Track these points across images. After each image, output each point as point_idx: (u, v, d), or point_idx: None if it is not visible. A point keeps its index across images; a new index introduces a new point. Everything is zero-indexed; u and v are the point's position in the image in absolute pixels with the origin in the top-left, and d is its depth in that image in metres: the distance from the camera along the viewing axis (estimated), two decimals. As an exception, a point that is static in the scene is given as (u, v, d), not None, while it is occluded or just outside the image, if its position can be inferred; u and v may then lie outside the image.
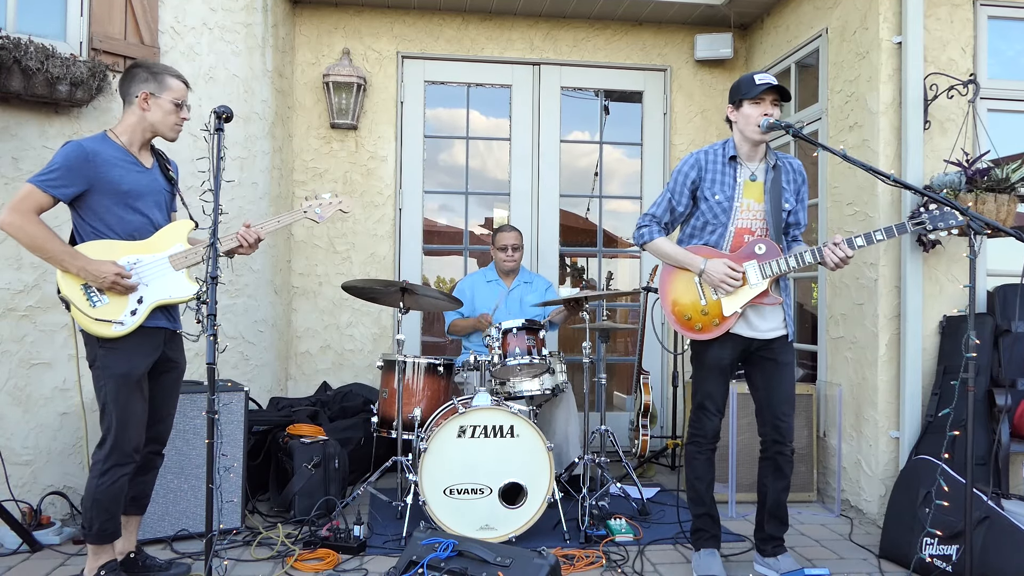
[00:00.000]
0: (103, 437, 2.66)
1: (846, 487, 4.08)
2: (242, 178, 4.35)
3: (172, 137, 2.81)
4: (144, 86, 2.72)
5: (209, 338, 2.35)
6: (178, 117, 2.78)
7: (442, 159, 5.57)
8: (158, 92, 2.73)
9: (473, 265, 5.48)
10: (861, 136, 4.00)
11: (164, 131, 2.77)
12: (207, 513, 2.37)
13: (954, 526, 2.94)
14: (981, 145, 3.82)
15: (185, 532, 3.37)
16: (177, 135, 2.82)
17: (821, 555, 3.41)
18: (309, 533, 3.36)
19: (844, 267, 2.86)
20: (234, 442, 3.51)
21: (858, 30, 4.05)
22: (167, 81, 2.75)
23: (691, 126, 5.47)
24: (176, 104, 2.76)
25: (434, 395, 3.89)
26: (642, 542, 3.48)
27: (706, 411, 3.06)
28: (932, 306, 3.81)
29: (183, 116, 2.80)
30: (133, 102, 2.73)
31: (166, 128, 2.77)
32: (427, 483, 3.31)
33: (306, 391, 5.01)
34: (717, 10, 5.10)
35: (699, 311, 2.98)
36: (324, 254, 5.16)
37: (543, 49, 5.37)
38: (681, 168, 3.04)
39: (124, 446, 2.64)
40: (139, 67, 2.78)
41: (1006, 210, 3.54)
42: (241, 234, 2.82)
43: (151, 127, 2.75)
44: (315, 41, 5.16)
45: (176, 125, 2.79)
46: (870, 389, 3.89)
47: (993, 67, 3.94)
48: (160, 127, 2.76)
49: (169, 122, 2.76)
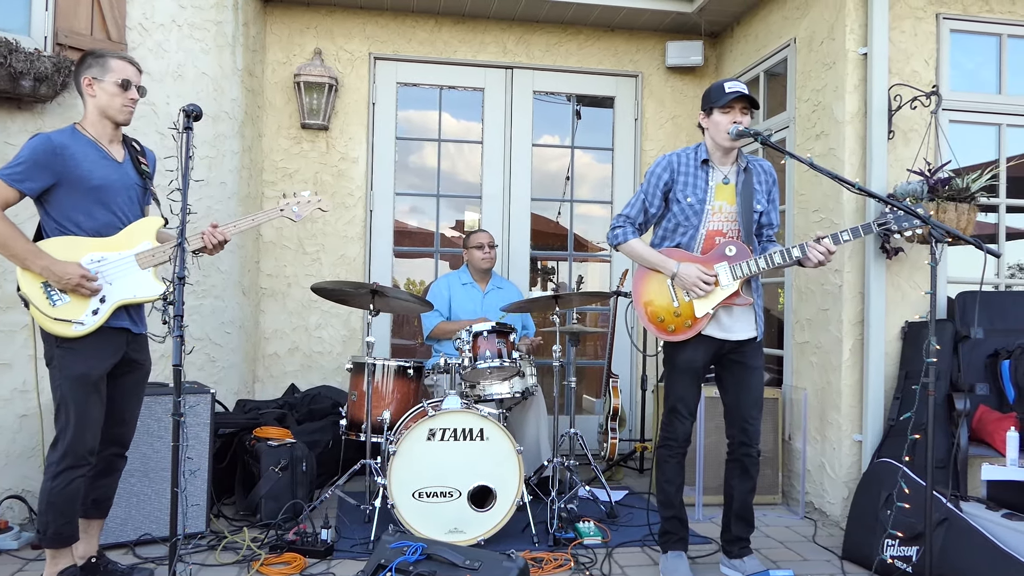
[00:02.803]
0: (56, 438, 2.60)
1: (810, 490, 4.15)
2: (210, 177, 4.30)
3: (123, 120, 2.72)
4: (87, 71, 2.66)
5: (176, 339, 2.32)
6: (125, 98, 2.68)
7: (413, 161, 5.56)
8: (100, 75, 2.65)
9: (444, 267, 5.47)
10: (828, 144, 4.07)
11: (113, 114, 2.69)
12: (172, 517, 2.34)
13: (914, 527, 3.00)
14: (943, 155, 3.91)
15: (148, 536, 3.31)
16: (128, 117, 2.73)
17: (786, 557, 3.46)
18: (276, 537, 3.32)
19: (826, 264, 2.90)
20: (200, 445, 3.46)
21: (825, 40, 4.12)
22: (108, 62, 2.67)
23: (662, 132, 5.53)
24: (120, 85, 2.66)
25: (404, 398, 3.88)
26: (610, 545, 3.49)
27: (678, 414, 3.09)
28: (895, 312, 3.89)
29: (131, 96, 2.70)
30: (83, 90, 2.68)
31: (114, 111, 2.68)
32: (396, 486, 3.29)
33: (274, 393, 4.95)
34: (688, 18, 5.16)
35: (672, 312, 3.01)
36: (293, 255, 5.11)
37: (516, 53, 5.38)
38: (654, 170, 3.07)
39: (79, 448, 2.58)
40: (85, 55, 2.72)
41: (966, 219, 3.63)
42: (206, 234, 2.76)
43: (103, 111, 2.68)
44: (286, 40, 5.11)
45: (124, 106, 2.69)
46: (834, 393, 3.95)
47: (955, 79, 4.04)
48: (108, 110, 2.68)
49: (116, 104, 2.67)
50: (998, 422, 3.48)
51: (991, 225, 4.13)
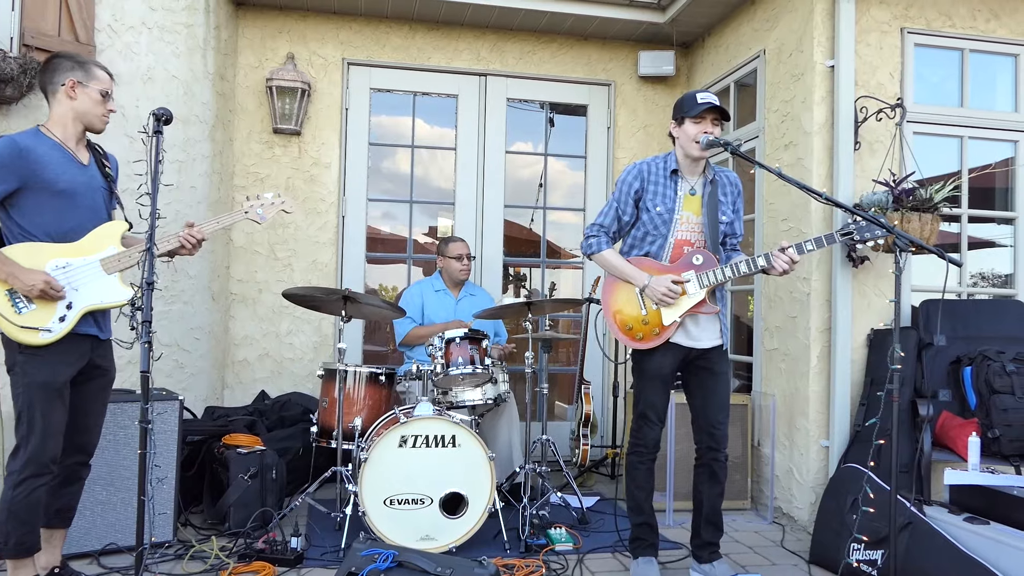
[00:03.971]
0: (18, 446, 2.55)
1: (779, 495, 4.20)
2: (180, 182, 4.25)
3: (100, 128, 2.73)
4: (71, 74, 2.64)
5: (143, 345, 2.29)
6: (104, 108, 2.71)
7: (386, 167, 5.54)
8: (86, 81, 2.65)
9: (417, 273, 5.46)
10: (796, 155, 4.14)
11: (92, 121, 2.69)
12: (138, 526, 2.31)
13: (879, 532, 3.06)
14: (907, 166, 4.00)
15: (113, 546, 3.25)
16: (104, 126, 2.74)
17: (754, 561, 3.49)
18: (244, 546, 3.29)
19: (791, 272, 2.94)
20: (167, 452, 3.42)
21: (794, 53, 4.19)
22: (94, 71, 2.68)
23: (634, 140, 5.58)
24: (103, 94, 2.69)
25: (375, 404, 3.86)
26: (581, 551, 3.51)
27: (648, 421, 3.11)
28: (861, 319, 3.96)
29: (110, 107, 2.73)
30: (58, 91, 2.64)
31: (94, 118, 2.69)
32: (367, 493, 3.28)
33: (243, 400, 4.90)
34: (660, 28, 5.22)
35: (640, 321, 3.04)
36: (264, 260, 5.07)
37: (490, 60, 5.40)
38: (625, 178, 3.11)
39: (41, 456, 2.53)
40: (62, 57, 2.70)
41: (929, 228, 3.71)
42: (184, 236, 2.75)
43: (80, 116, 2.66)
44: (259, 44, 5.08)
45: (103, 116, 2.72)
46: (802, 399, 4.01)
47: (919, 92, 4.13)
48: (89, 117, 2.68)
49: (97, 112, 2.69)
50: (960, 428, 3.56)
51: (954, 235, 4.23)
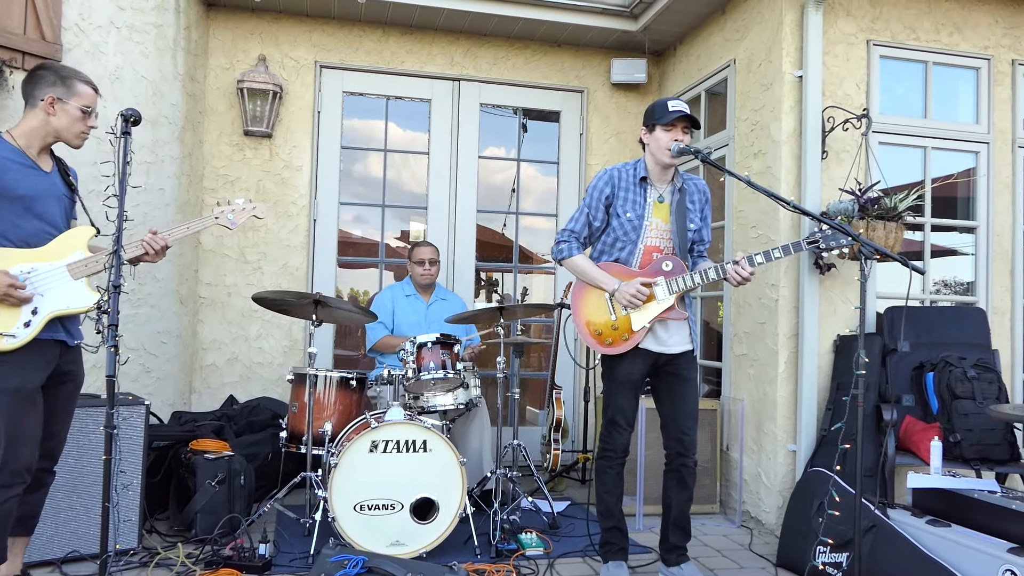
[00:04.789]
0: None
1: (747, 499, 4.25)
2: (148, 183, 4.20)
3: (77, 145, 2.68)
4: (51, 89, 2.58)
5: (109, 349, 2.26)
6: (85, 125, 2.65)
7: (358, 170, 5.52)
8: (66, 97, 2.59)
9: (389, 278, 5.44)
10: (765, 163, 4.20)
11: (69, 138, 2.64)
12: (102, 533, 2.27)
13: (845, 534, 3.10)
14: (873, 175, 4.08)
15: (76, 554, 3.19)
16: (82, 143, 2.68)
17: (722, 565, 3.53)
18: (211, 552, 3.25)
19: (747, 284, 2.98)
20: (133, 458, 3.37)
21: (763, 63, 4.26)
22: (76, 87, 2.62)
23: (606, 147, 5.62)
24: (84, 111, 2.63)
25: (346, 409, 3.84)
26: (552, 556, 3.52)
27: (617, 426, 3.13)
28: (827, 326, 4.02)
29: (90, 124, 2.67)
30: (37, 105, 2.59)
31: (71, 135, 2.63)
32: (337, 499, 3.25)
33: (211, 405, 4.84)
34: (633, 36, 5.27)
35: (609, 326, 3.06)
36: (234, 264, 5.01)
37: (463, 65, 5.41)
38: (596, 184, 3.13)
39: (15, 465, 2.48)
40: (47, 69, 2.64)
41: (894, 237, 3.79)
42: (147, 241, 2.70)
43: (54, 133, 2.61)
44: (230, 46, 5.04)
45: (83, 133, 2.66)
46: (770, 404, 4.06)
47: (884, 103, 4.22)
48: (65, 134, 2.62)
49: (76, 130, 2.63)
50: (923, 432, 3.63)
51: (917, 243, 4.32)
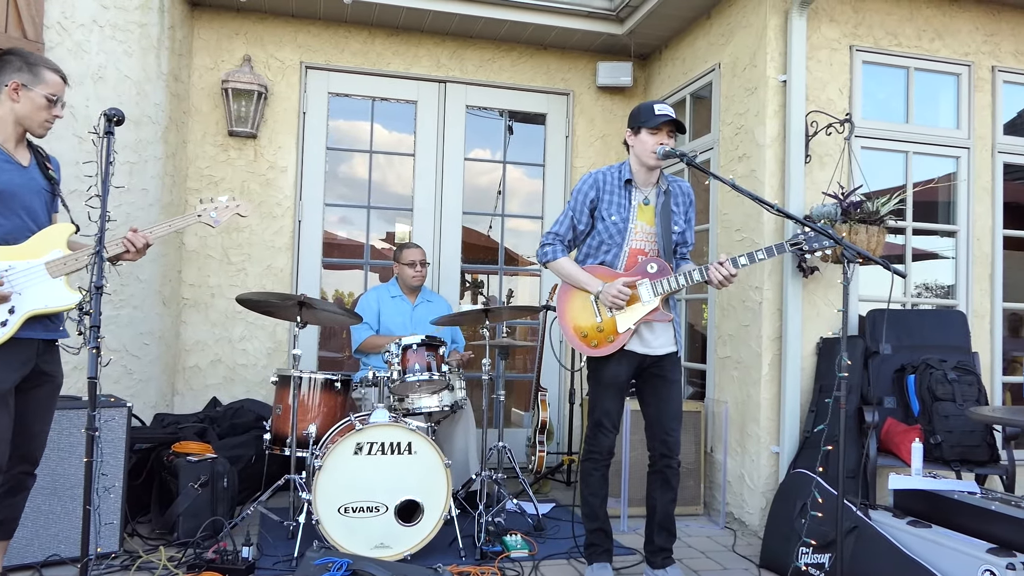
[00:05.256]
0: None
1: (731, 500, 4.27)
2: (131, 184, 4.16)
3: (40, 134, 2.63)
4: (17, 75, 2.54)
5: (91, 351, 2.23)
6: (49, 114, 2.60)
7: (344, 172, 5.50)
8: (31, 84, 2.55)
9: (374, 279, 5.42)
10: (749, 166, 4.23)
11: (31, 126, 2.59)
12: (83, 536, 2.25)
13: (827, 535, 3.13)
14: (855, 179, 4.11)
15: (56, 557, 3.16)
16: (45, 132, 2.63)
17: (706, 566, 3.55)
18: (194, 556, 3.23)
19: (729, 285, 2.99)
20: (115, 460, 3.34)
21: (748, 67, 4.29)
22: (43, 74, 2.57)
23: (592, 150, 5.64)
24: (49, 99, 2.58)
25: (330, 411, 3.82)
26: (537, 558, 3.52)
27: (603, 428, 3.14)
28: (810, 328, 4.05)
29: (55, 113, 2.61)
30: (2, 91, 2.55)
31: (34, 124, 2.58)
32: (321, 501, 3.24)
33: (194, 407, 4.81)
34: (618, 39, 5.29)
35: (595, 328, 3.07)
36: (218, 265, 4.98)
37: (449, 67, 5.41)
38: (580, 187, 3.14)
39: None
40: (13, 55, 2.59)
41: (876, 240, 3.82)
42: (128, 239, 2.66)
43: (20, 120, 2.57)
44: (215, 46, 5.01)
45: (46, 122, 2.61)
46: (753, 406, 4.09)
47: (867, 108, 4.26)
48: (28, 122, 2.57)
49: (39, 118, 2.58)
50: (904, 434, 3.67)
51: (899, 246, 4.37)
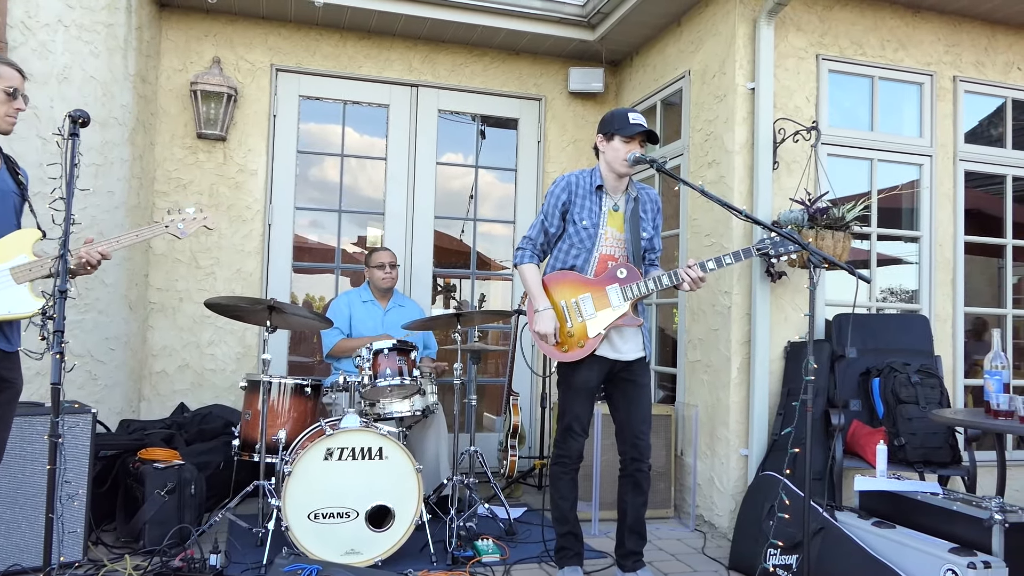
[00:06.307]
0: None
1: (700, 503, 4.31)
2: (97, 186, 4.09)
3: (5, 129, 2.57)
4: None
5: (55, 356, 2.19)
6: (11, 107, 2.54)
7: (315, 175, 5.47)
8: None
9: (345, 284, 5.39)
10: (719, 172, 4.28)
11: None
12: (45, 545, 2.20)
13: (794, 537, 3.17)
14: (822, 186, 4.18)
15: (18, 567, 3.09)
16: (10, 127, 2.58)
17: (677, 569, 3.57)
18: (160, 564, 3.17)
19: (699, 288, 3.04)
20: (79, 468, 3.28)
21: (717, 75, 4.34)
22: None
23: (564, 155, 5.66)
24: (7, 93, 2.52)
25: (300, 417, 3.79)
26: (508, 562, 3.52)
27: (573, 433, 3.16)
28: (778, 332, 4.11)
29: (17, 107, 2.56)
30: None
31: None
32: (291, 508, 3.21)
33: (161, 413, 4.73)
34: (590, 45, 5.33)
35: (565, 333, 3.08)
36: (186, 269, 4.92)
37: (422, 71, 5.40)
38: (553, 191, 3.16)
39: None
40: None
41: (842, 246, 3.89)
42: (82, 254, 2.58)
43: None
44: (183, 47, 4.95)
45: (8, 116, 2.55)
46: (723, 410, 4.13)
47: (833, 116, 4.33)
48: None
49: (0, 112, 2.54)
50: (869, 436, 3.73)
51: (864, 252, 4.44)
